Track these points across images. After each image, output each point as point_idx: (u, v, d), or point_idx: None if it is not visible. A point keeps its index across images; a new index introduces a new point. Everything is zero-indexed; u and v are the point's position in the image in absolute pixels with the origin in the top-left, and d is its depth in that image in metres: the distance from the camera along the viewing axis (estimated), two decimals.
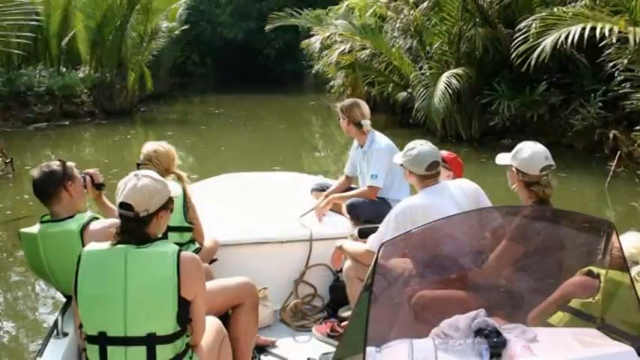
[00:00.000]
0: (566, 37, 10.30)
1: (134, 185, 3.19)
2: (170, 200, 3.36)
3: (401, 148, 4.63)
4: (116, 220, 3.30)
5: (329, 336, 4.99)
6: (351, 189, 6.14)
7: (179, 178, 4.77)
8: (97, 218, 3.97)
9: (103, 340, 3.12)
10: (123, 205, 3.18)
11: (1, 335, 6.64)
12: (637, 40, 9.74)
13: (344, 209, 5.90)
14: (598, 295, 3.18)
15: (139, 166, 4.60)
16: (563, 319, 3.21)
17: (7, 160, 12.99)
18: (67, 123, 20.63)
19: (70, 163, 4.12)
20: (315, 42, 20.87)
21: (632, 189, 11.47)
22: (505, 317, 3.02)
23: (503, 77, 15.61)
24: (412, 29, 17.50)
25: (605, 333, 2.95)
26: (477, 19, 15.89)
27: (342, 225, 5.77)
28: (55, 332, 3.76)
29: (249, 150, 17.58)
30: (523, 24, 12.26)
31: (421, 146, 4.31)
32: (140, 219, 3.18)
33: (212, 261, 4.91)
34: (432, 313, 3.08)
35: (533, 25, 11.80)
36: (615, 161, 11.94)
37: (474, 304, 3.03)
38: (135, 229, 3.19)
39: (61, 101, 21.18)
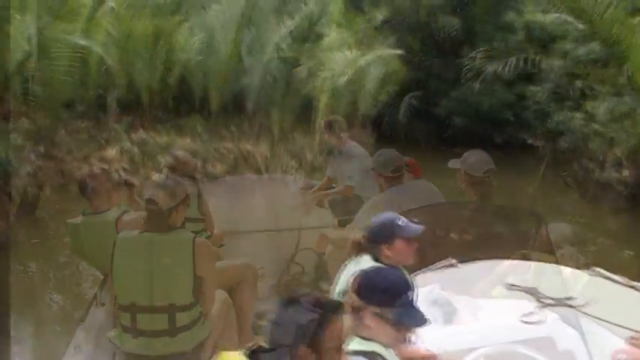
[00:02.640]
0: (504, 66, 10.31)
1: (158, 185, 3.19)
2: (187, 197, 3.36)
3: (372, 155, 4.63)
4: (143, 213, 3.30)
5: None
6: (332, 188, 6.13)
7: (194, 179, 4.75)
8: (128, 211, 3.96)
9: (133, 309, 3.12)
10: (149, 201, 3.18)
11: (51, 305, 6.62)
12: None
13: (326, 204, 5.89)
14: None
15: (163, 170, 4.59)
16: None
17: None
18: None
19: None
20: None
21: (557, 188, 11.57)
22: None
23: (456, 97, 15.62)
24: None
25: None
26: (434, 52, 15.90)
27: (325, 217, 5.76)
28: (94, 303, 3.76)
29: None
30: (470, 55, 12.27)
31: (388, 153, 4.32)
32: (163, 212, 3.18)
33: (220, 246, 4.88)
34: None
35: (478, 57, 11.81)
36: (544, 166, 12.00)
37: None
38: (158, 220, 3.18)
39: None
